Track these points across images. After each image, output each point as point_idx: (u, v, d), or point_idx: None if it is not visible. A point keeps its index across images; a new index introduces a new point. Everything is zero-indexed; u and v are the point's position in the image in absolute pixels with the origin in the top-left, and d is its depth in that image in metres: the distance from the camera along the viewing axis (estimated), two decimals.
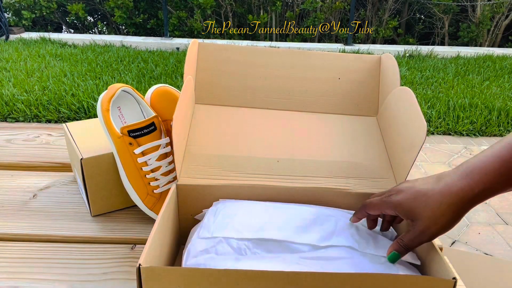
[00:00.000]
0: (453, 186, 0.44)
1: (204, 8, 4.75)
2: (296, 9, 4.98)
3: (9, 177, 0.81)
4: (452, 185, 0.44)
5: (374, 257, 0.50)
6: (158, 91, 0.71)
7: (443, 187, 0.44)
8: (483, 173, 0.43)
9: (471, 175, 0.43)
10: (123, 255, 0.63)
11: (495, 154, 0.43)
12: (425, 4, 5.10)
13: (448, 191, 0.44)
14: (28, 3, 5.01)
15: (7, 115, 2.82)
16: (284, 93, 0.74)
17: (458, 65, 4.21)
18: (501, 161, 0.42)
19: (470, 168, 0.44)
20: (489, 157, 0.43)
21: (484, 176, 0.43)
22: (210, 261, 0.49)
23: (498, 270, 0.95)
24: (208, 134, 0.68)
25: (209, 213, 0.58)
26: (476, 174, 0.43)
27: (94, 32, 5.43)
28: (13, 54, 3.88)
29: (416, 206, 0.45)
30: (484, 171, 0.43)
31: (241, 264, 0.49)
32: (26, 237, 0.66)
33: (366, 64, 0.75)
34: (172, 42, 4.67)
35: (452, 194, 0.43)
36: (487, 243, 1.86)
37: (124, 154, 0.65)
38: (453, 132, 2.94)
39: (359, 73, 0.75)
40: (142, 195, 0.66)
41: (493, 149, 0.44)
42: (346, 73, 0.75)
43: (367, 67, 0.75)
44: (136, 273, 0.43)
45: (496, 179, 0.43)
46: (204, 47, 0.74)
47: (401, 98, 0.65)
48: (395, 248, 0.48)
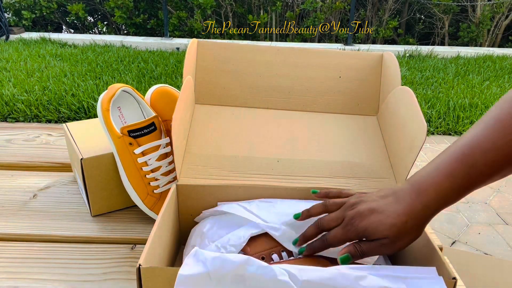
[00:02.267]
0: (414, 206, 0.46)
1: (204, 8, 4.75)
2: (296, 9, 4.99)
3: (9, 177, 0.81)
4: (413, 206, 0.46)
5: None
6: (158, 91, 0.71)
7: (406, 208, 0.47)
8: (437, 191, 0.46)
9: (426, 193, 0.46)
10: (123, 255, 0.63)
11: (445, 171, 0.46)
12: (425, 4, 5.10)
13: (412, 211, 0.46)
14: (28, 3, 5.01)
15: (7, 115, 2.82)
16: (284, 92, 0.74)
17: (458, 65, 4.21)
18: (452, 178, 0.45)
19: (424, 185, 0.47)
20: (440, 173, 0.46)
21: (439, 194, 0.46)
22: None
23: (498, 270, 0.95)
24: (208, 134, 0.68)
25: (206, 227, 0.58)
26: (432, 192, 0.46)
27: (94, 32, 5.43)
28: (13, 54, 3.88)
29: (383, 229, 0.46)
30: (438, 189, 0.46)
31: None
32: (26, 237, 0.66)
33: (367, 62, 0.75)
34: (172, 42, 4.67)
35: (416, 214, 0.46)
36: (487, 243, 1.86)
37: (124, 154, 0.65)
38: (453, 132, 2.94)
39: (360, 71, 0.75)
40: (142, 195, 0.66)
41: (442, 162, 0.46)
42: (347, 71, 0.74)
43: (368, 65, 0.75)
44: (136, 273, 0.43)
45: (449, 195, 0.45)
46: (203, 45, 0.74)
47: (401, 98, 0.65)
48: (350, 251, 0.48)
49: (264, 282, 0.40)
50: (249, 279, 0.40)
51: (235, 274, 0.40)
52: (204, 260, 0.41)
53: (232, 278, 0.40)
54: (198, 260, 0.41)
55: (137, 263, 0.43)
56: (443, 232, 1.93)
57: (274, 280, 0.40)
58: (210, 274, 0.40)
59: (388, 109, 0.70)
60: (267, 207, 0.58)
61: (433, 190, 0.46)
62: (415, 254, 0.53)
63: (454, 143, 0.47)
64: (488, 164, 0.44)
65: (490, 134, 0.44)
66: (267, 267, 0.40)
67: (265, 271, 0.40)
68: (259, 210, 0.57)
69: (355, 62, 0.75)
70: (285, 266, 0.41)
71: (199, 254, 0.42)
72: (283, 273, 0.40)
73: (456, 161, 0.45)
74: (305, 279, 0.40)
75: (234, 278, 0.40)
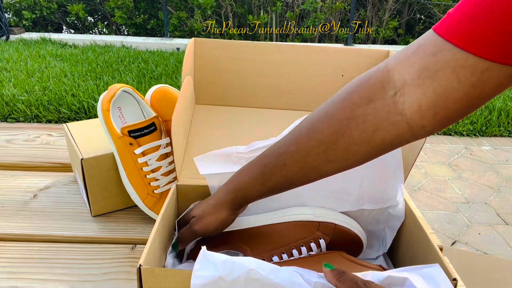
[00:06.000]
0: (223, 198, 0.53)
1: (204, 8, 4.75)
2: (296, 9, 4.99)
3: (10, 177, 0.82)
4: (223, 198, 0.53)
5: None
6: (159, 91, 0.71)
7: (216, 199, 0.54)
8: (247, 196, 0.52)
9: (235, 192, 0.52)
10: (124, 255, 0.63)
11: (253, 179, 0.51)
12: (426, 5, 5.10)
13: (219, 200, 0.53)
14: (28, 4, 5.02)
15: (8, 115, 2.82)
16: (285, 92, 0.74)
17: None
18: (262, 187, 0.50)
19: (235, 190, 0.52)
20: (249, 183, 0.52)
21: (248, 196, 0.52)
22: None
23: (498, 270, 0.95)
24: (208, 134, 0.68)
25: None
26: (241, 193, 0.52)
27: (94, 33, 5.43)
28: (14, 55, 3.88)
29: (206, 222, 0.54)
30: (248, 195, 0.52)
31: None
32: (26, 237, 0.66)
33: (371, 60, 0.73)
34: (172, 42, 4.67)
35: (222, 202, 0.53)
36: (487, 243, 1.85)
37: (124, 154, 0.65)
38: (453, 133, 2.94)
39: (364, 69, 0.73)
40: (142, 195, 0.66)
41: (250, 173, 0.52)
42: (350, 69, 0.73)
43: (373, 63, 0.73)
44: (136, 273, 0.43)
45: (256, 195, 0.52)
46: (200, 44, 0.72)
47: None
48: (177, 238, 0.55)
49: (279, 285, 0.40)
50: (264, 282, 0.40)
51: (248, 277, 0.40)
52: (215, 263, 0.41)
53: (245, 282, 0.40)
54: (208, 263, 0.41)
55: (138, 263, 0.43)
56: (443, 232, 1.93)
57: (289, 282, 0.40)
58: (223, 278, 0.40)
59: None
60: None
61: (242, 195, 0.52)
62: (415, 254, 0.53)
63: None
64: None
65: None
66: (280, 269, 0.40)
67: (278, 274, 0.40)
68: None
69: (358, 60, 0.73)
70: (295, 268, 0.41)
71: (208, 256, 0.41)
72: (296, 275, 0.40)
73: (256, 164, 0.51)
74: (317, 280, 0.40)
75: (248, 282, 0.40)
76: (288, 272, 0.40)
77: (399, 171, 0.58)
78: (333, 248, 0.56)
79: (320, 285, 0.40)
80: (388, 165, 0.58)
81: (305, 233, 0.56)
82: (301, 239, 0.56)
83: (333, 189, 0.59)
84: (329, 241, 0.56)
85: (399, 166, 0.58)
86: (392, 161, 0.58)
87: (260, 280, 0.40)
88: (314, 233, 0.56)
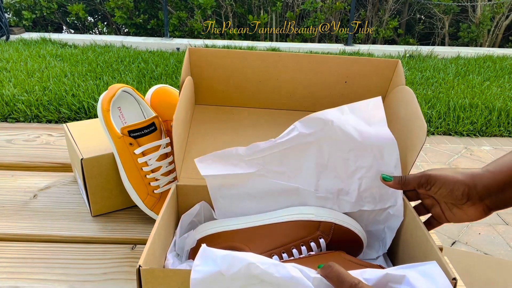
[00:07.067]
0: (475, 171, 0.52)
1: (204, 8, 4.75)
2: (296, 9, 4.99)
3: (10, 177, 0.82)
4: (475, 171, 0.52)
5: None
6: (159, 91, 0.71)
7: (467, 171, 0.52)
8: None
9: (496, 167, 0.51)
10: (123, 255, 0.63)
11: None
12: (426, 5, 5.10)
13: (469, 172, 0.52)
14: (28, 4, 5.02)
15: (8, 115, 2.82)
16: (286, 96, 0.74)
17: (459, 66, 4.21)
18: None
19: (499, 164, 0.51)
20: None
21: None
22: None
23: (498, 270, 0.95)
24: (208, 134, 0.68)
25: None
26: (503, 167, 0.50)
27: (94, 33, 5.44)
28: (14, 55, 3.88)
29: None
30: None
31: None
32: (26, 237, 0.66)
33: (376, 67, 0.70)
34: (172, 42, 4.67)
35: (470, 175, 0.51)
36: (487, 243, 1.85)
37: (124, 154, 0.65)
38: (453, 133, 2.94)
39: (368, 77, 0.71)
40: (142, 195, 0.66)
41: None
42: (354, 76, 0.71)
43: (377, 71, 0.70)
44: (136, 274, 0.43)
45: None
46: (195, 53, 0.69)
47: (401, 98, 0.65)
48: None
49: (278, 279, 0.40)
50: (263, 276, 0.40)
51: (248, 271, 0.40)
52: (214, 258, 0.41)
53: (245, 276, 0.40)
54: (207, 258, 0.41)
55: (137, 264, 0.43)
56: (443, 232, 1.93)
57: (288, 277, 0.40)
58: (222, 272, 0.40)
59: (388, 109, 0.70)
60: None
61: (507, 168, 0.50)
62: (415, 254, 0.53)
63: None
64: None
65: None
66: (279, 264, 0.41)
67: (277, 269, 0.40)
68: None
69: (364, 69, 0.70)
70: (294, 264, 0.41)
71: (207, 252, 0.42)
72: (295, 270, 0.40)
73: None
74: (316, 276, 0.41)
75: (247, 276, 0.40)
76: (287, 267, 0.40)
77: (398, 171, 0.59)
78: (333, 248, 0.56)
79: (319, 279, 0.41)
80: (387, 165, 0.58)
81: (305, 232, 0.56)
82: (301, 238, 0.56)
83: (333, 190, 0.59)
84: (329, 241, 0.56)
85: (398, 166, 0.58)
86: (390, 161, 0.58)
87: (260, 275, 0.40)
88: (314, 232, 0.56)
